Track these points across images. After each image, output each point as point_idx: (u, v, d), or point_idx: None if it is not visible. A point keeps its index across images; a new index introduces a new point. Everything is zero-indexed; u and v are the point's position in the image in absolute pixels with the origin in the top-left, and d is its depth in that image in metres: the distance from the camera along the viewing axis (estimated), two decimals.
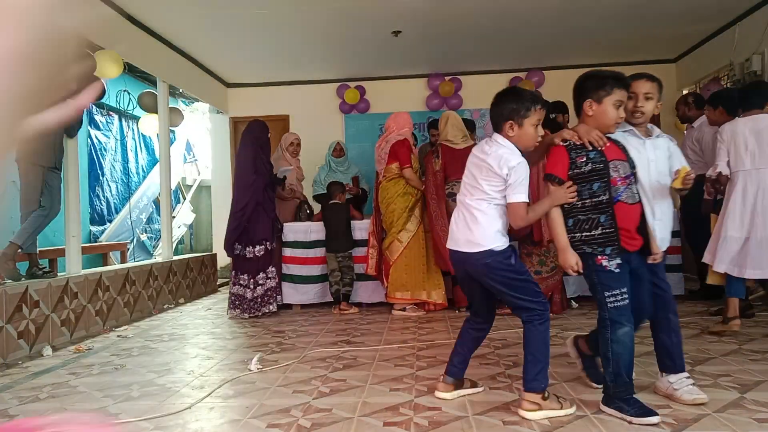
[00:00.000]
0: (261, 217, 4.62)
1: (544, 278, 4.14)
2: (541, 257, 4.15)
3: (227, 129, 8.06)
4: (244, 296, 4.60)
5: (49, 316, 3.76)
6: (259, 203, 4.60)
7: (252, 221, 4.56)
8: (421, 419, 2.14)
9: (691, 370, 2.65)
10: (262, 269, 4.63)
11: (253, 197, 4.56)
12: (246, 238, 4.59)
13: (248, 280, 4.60)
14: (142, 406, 2.44)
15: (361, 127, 7.77)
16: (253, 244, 4.60)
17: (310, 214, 5.27)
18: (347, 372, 2.85)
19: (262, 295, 4.63)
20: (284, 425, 2.13)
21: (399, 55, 6.84)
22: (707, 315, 4.02)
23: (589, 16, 5.72)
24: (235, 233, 4.57)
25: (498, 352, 3.14)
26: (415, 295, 4.47)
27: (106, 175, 7.60)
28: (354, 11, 5.39)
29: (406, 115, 4.67)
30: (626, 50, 6.93)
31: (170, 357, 3.36)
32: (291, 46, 6.41)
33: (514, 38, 6.34)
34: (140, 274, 5.03)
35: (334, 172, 5.50)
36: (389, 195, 4.50)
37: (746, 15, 5.70)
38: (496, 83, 7.61)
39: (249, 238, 4.59)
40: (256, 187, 4.58)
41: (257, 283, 4.61)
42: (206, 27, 5.75)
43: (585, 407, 2.21)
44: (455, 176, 4.37)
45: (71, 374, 3.03)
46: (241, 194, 4.57)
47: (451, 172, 4.38)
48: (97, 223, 7.33)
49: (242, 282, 4.62)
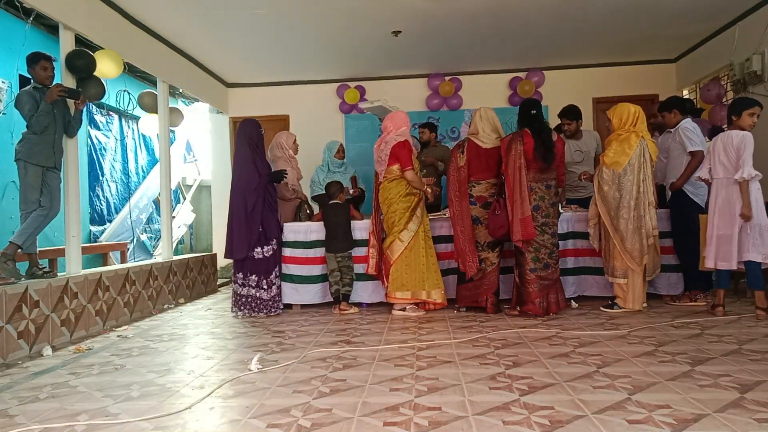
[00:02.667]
0: (270, 217, 4.66)
1: (541, 276, 4.14)
2: (534, 254, 4.14)
3: (227, 129, 8.06)
4: (259, 297, 4.63)
5: (49, 316, 3.76)
6: (267, 203, 4.63)
7: (263, 222, 4.58)
8: (421, 419, 2.14)
9: (691, 370, 2.66)
10: (272, 269, 4.68)
11: (259, 198, 4.57)
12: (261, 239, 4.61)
13: (259, 280, 4.62)
14: (142, 406, 2.44)
15: (361, 127, 7.78)
16: (262, 245, 4.62)
17: (310, 214, 5.27)
18: (347, 372, 2.85)
19: (276, 294, 4.71)
20: (284, 425, 2.13)
21: (399, 55, 6.84)
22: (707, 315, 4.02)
23: (589, 17, 5.72)
24: (252, 236, 4.57)
25: (498, 352, 3.14)
26: (415, 294, 4.47)
27: (106, 175, 7.60)
28: (354, 11, 5.39)
29: (402, 114, 4.66)
30: (626, 50, 6.94)
31: (170, 357, 3.37)
32: (291, 46, 6.41)
33: (514, 38, 6.34)
34: (140, 274, 5.03)
35: (333, 173, 5.50)
36: (391, 196, 4.50)
37: (746, 15, 5.70)
38: (496, 83, 7.64)
39: (262, 239, 4.61)
40: (260, 187, 4.59)
41: (271, 282, 4.66)
42: (206, 27, 5.76)
43: (585, 407, 2.21)
44: (476, 176, 4.40)
45: (71, 374, 3.03)
46: (249, 197, 4.56)
47: (473, 171, 4.38)
48: (97, 223, 7.33)
49: (252, 283, 4.63)
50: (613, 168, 4.18)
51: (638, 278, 4.21)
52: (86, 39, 4.75)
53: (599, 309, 4.33)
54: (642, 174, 4.14)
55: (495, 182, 4.37)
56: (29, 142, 3.78)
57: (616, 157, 4.18)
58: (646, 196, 4.16)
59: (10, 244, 3.72)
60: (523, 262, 4.18)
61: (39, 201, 3.82)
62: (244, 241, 4.56)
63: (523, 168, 4.07)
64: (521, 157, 4.07)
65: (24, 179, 3.79)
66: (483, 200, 4.38)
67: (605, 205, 4.23)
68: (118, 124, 7.93)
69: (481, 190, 4.38)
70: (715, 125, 6.24)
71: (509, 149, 4.13)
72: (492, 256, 4.38)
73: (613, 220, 4.19)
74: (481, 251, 4.37)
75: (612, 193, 4.19)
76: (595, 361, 2.89)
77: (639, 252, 4.14)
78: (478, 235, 4.38)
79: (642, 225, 4.13)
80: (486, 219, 4.33)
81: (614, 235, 4.19)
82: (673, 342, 3.25)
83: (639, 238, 4.13)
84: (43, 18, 5.59)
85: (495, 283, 4.39)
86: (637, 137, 4.15)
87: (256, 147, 4.70)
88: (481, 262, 4.36)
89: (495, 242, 4.36)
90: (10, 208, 5.61)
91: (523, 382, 2.55)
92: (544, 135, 4.13)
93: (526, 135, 4.12)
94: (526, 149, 4.08)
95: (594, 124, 7.43)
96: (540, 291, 4.14)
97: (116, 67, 4.71)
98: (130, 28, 5.37)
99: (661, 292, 4.65)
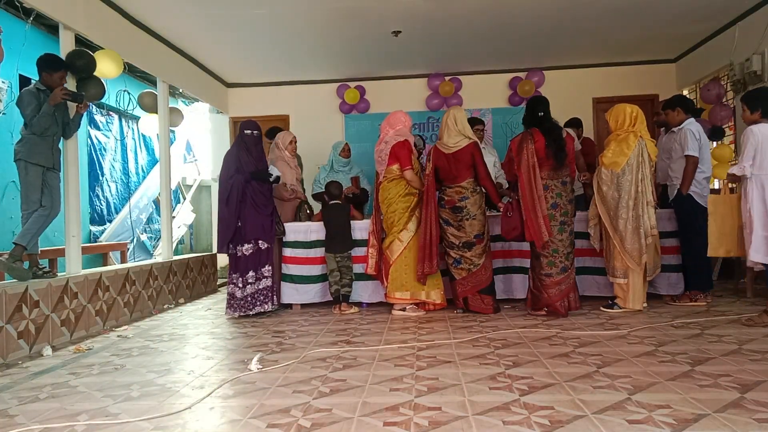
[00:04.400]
0: (251, 216, 4.57)
1: (557, 281, 4.10)
2: (549, 258, 4.10)
3: (227, 129, 8.06)
4: (234, 295, 4.59)
5: (49, 316, 3.76)
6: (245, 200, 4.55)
7: (242, 219, 4.54)
8: (421, 419, 2.14)
9: (691, 370, 2.66)
10: (252, 268, 4.57)
11: (233, 193, 4.50)
12: (237, 236, 4.57)
13: (238, 278, 4.59)
14: (142, 406, 2.43)
15: (361, 127, 7.78)
16: (242, 243, 4.57)
17: (310, 214, 5.26)
18: (347, 372, 2.85)
19: (252, 294, 4.58)
20: (284, 425, 2.13)
21: (399, 55, 6.84)
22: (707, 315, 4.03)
23: (589, 16, 5.72)
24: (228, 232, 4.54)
25: (498, 352, 3.14)
26: (414, 294, 4.47)
27: (106, 175, 7.60)
28: (354, 11, 5.39)
29: (398, 114, 4.63)
30: (626, 50, 6.94)
31: (170, 357, 3.36)
32: (291, 46, 6.41)
33: (514, 38, 6.34)
34: (140, 274, 5.03)
35: (336, 172, 5.49)
36: (390, 195, 4.50)
37: (746, 15, 5.70)
38: (496, 83, 7.64)
39: (240, 236, 4.57)
40: (235, 182, 4.53)
41: (246, 281, 4.57)
42: (206, 27, 5.76)
43: (585, 407, 2.21)
44: (447, 181, 4.35)
45: (71, 374, 3.03)
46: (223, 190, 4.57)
47: (443, 176, 4.35)
48: (97, 223, 7.34)
49: (233, 281, 4.61)
50: (612, 168, 4.17)
51: (638, 278, 4.21)
52: (86, 39, 4.75)
53: (599, 309, 4.33)
54: (640, 174, 4.14)
55: (466, 186, 4.28)
56: (29, 142, 3.78)
57: (615, 158, 4.17)
58: (644, 196, 4.15)
59: (16, 245, 3.72)
60: (538, 267, 4.15)
61: (40, 201, 3.82)
62: (221, 236, 4.59)
63: (537, 167, 4.03)
64: (534, 155, 4.03)
65: (25, 179, 3.79)
66: (452, 203, 4.31)
67: (604, 205, 4.23)
68: (118, 124, 7.94)
69: (452, 193, 4.31)
70: (715, 125, 6.24)
71: (520, 149, 4.08)
72: (471, 255, 4.28)
73: (612, 220, 4.19)
74: (457, 251, 4.32)
75: (611, 193, 4.19)
76: (595, 361, 2.89)
77: (638, 252, 4.13)
78: (451, 236, 4.33)
79: (641, 225, 4.13)
80: (456, 221, 4.29)
81: (614, 236, 4.19)
82: (673, 342, 3.25)
83: (638, 237, 4.13)
84: (43, 18, 5.59)
85: (483, 281, 4.30)
86: (636, 137, 4.15)
87: (245, 144, 4.66)
88: (461, 262, 4.31)
89: (470, 242, 4.28)
90: (10, 208, 5.61)
91: (523, 382, 2.55)
92: (554, 134, 4.10)
93: (536, 134, 4.09)
94: (537, 148, 4.04)
95: (594, 125, 7.43)
96: (560, 294, 4.11)
97: (116, 67, 4.71)
98: (130, 28, 5.36)
99: (661, 292, 4.65)
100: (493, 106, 7.62)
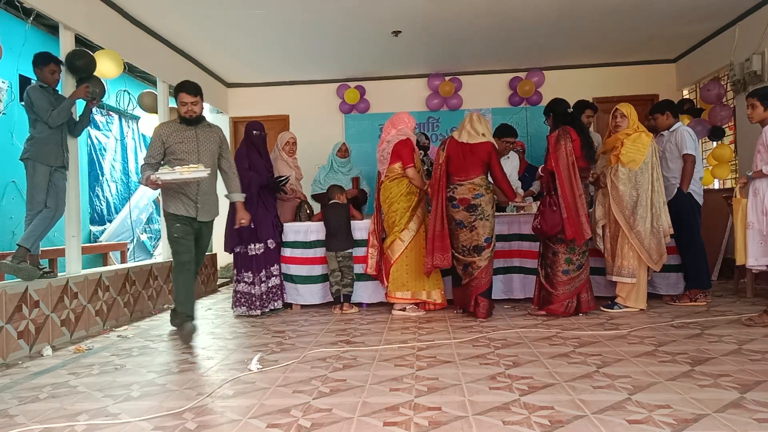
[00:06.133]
0: (264, 216, 4.65)
1: (572, 278, 4.08)
2: (568, 255, 4.07)
3: (227, 129, 8.06)
4: (251, 293, 4.63)
5: (49, 316, 3.76)
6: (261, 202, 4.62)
7: (255, 220, 4.56)
8: (421, 419, 2.14)
9: (691, 370, 2.66)
10: (264, 267, 4.67)
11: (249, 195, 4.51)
12: (250, 236, 4.60)
13: (253, 277, 4.63)
14: (142, 406, 2.44)
15: (362, 127, 7.78)
16: (255, 242, 4.62)
17: (310, 214, 5.26)
18: (347, 372, 2.85)
19: (266, 292, 4.69)
20: (284, 425, 2.13)
21: (399, 55, 6.84)
22: (707, 315, 4.03)
23: (588, 16, 5.72)
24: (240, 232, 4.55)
25: (498, 352, 3.14)
26: (415, 294, 4.47)
27: (106, 175, 7.60)
28: (354, 11, 5.39)
29: (402, 115, 4.63)
30: (626, 50, 6.94)
31: (170, 357, 3.37)
32: (291, 46, 6.41)
33: (514, 38, 6.34)
34: (140, 274, 5.03)
35: (336, 172, 5.49)
36: (392, 195, 4.49)
37: (746, 15, 5.70)
38: (496, 83, 7.64)
39: (253, 236, 4.61)
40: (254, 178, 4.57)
41: (261, 280, 4.65)
42: (206, 27, 5.75)
43: (585, 407, 2.21)
44: (458, 175, 4.22)
45: (71, 374, 3.03)
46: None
47: (454, 169, 4.23)
48: (97, 223, 7.33)
49: (246, 279, 4.65)
50: (630, 166, 4.12)
51: (644, 277, 4.22)
52: (86, 39, 4.75)
53: (599, 309, 4.32)
54: (655, 173, 4.14)
55: (480, 183, 4.17)
56: (39, 141, 3.76)
57: (633, 155, 4.11)
58: (660, 195, 4.15)
59: (20, 247, 3.71)
60: (554, 263, 4.11)
61: (45, 201, 3.80)
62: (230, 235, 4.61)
63: (575, 165, 3.98)
64: (572, 154, 4.00)
65: (31, 179, 3.77)
66: (466, 202, 4.16)
67: (619, 204, 4.17)
68: (118, 124, 7.94)
69: (464, 191, 4.17)
70: (715, 125, 6.25)
71: (558, 145, 4.02)
72: (479, 259, 4.17)
73: (629, 219, 4.14)
74: (467, 256, 4.19)
75: (629, 191, 4.13)
76: (595, 361, 2.89)
77: (657, 251, 4.13)
78: (462, 240, 4.20)
79: (659, 224, 4.12)
80: (470, 222, 4.15)
81: (630, 234, 4.13)
82: (673, 342, 3.25)
83: (655, 236, 4.12)
84: (43, 18, 5.59)
85: (483, 285, 4.19)
86: (648, 136, 4.15)
87: (255, 146, 4.73)
88: (468, 267, 4.22)
89: (480, 246, 4.17)
90: (10, 208, 5.61)
91: (523, 382, 2.56)
92: (586, 133, 4.13)
93: (572, 132, 4.05)
94: (574, 146, 4.02)
95: (594, 125, 7.41)
96: (569, 294, 4.09)
97: (116, 67, 4.71)
98: (130, 28, 5.37)
99: (661, 292, 4.65)
100: (493, 106, 7.61)
